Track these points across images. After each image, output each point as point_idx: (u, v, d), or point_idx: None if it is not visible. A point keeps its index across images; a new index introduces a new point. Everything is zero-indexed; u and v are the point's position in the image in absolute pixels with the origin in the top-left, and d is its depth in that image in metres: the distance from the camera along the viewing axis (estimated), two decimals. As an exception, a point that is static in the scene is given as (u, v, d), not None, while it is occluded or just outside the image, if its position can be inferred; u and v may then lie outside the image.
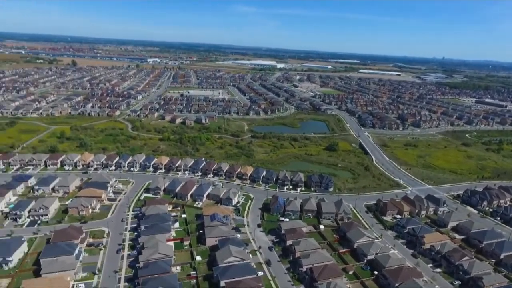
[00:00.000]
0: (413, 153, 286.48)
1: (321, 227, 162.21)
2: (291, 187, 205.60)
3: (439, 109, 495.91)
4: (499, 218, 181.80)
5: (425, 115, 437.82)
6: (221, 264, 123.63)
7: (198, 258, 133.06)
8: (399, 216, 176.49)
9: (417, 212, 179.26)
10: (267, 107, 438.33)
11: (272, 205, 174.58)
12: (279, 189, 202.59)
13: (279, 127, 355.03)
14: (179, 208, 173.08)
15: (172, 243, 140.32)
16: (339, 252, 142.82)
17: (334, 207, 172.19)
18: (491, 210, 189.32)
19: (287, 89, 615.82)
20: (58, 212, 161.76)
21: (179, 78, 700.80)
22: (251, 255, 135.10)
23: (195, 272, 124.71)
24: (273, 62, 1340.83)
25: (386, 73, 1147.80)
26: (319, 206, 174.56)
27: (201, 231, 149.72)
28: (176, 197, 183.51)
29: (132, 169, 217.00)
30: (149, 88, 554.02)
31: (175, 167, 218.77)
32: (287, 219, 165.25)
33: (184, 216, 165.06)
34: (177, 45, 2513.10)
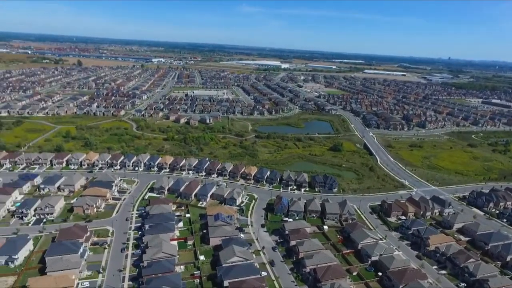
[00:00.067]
0: (418, 154, 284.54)
1: (325, 227, 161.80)
2: (295, 187, 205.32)
3: (444, 109, 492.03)
4: (505, 220, 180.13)
5: (430, 115, 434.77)
6: (224, 264, 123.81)
7: (201, 257, 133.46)
8: (403, 217, 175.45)
9: (422, 213, 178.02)
10: (272, 107, 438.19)
11: (276, 205, 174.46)
12: (283, 189, 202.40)
13: (283, 127, 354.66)
14: (183, 207, 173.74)
15: (176, 243, 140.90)
16: (343, 253, 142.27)
17: (338, 208, 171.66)
18: (498, 212, 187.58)
19: (292, 89, 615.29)
20: (63, 210, 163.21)
21: (184, 78, 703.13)
22: (254, 255, 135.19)
23: (199, 271, 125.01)
24: (278, 62, 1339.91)
25: (391, 73, 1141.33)
26: (323, 206, 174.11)
27: (204, 231, 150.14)
28: (180, 197, 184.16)
29: (136, 168, 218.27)
30: (154, 88, 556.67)
31: (180, 167, 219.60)
32: (291, 220, 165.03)
33: (188, 215, 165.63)
34: (182, 45, 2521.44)
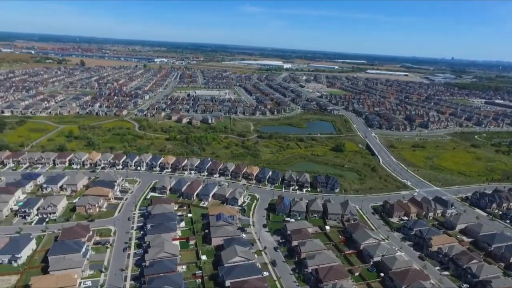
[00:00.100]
0: (421, 154, 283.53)
1: (327, 228, 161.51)
2: (297, 187, 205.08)
3: (447, 110, 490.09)
4: (508, 221, 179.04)
5: (433, 116, 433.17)
6: (226, 264, 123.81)
7: (203, 257, 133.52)
8: (406, 218, 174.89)
9: (425, 214, 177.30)
10: (273, 107, 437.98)
11: (277, 205, 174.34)
12: (285, 189, 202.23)
13: (285, 128, 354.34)
14: (185, 207, 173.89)
15: (178, 242, 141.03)
16: (345, 253, 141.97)
17: (340, 208, 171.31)
18: (501, 213, 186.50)
19: (294, 90, 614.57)
20: (66, 210, 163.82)
21: (186, 78, 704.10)
22: (256, 255, 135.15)
23: (201, 271, 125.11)
24: (280, 62, 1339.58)
25: (393, 73, 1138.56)
26: (325, 207, 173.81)
27: (206, 231, 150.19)
28: (182, 197, 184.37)
29: (138, 168, 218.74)
30: (156, 88, 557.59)
31: (181, 167, 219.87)
32: (293, 220, 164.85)
33: (190, 215, 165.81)
34: (184, 45, 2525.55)
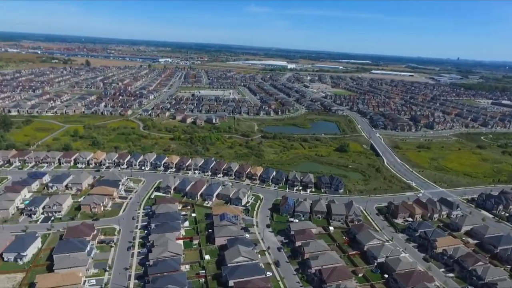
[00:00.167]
0: (426, 155, 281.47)
1: (331, 228, 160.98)
2: (301, 188, 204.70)
3: (453, 110, 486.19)
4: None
5: (438, 116, 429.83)
6: (229, 263, 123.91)
7: (207, 257, 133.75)
8: (410, 219, 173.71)
9: (430, 215, 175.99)
10: (278, 107, 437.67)
11: (281, 205, 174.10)
12: (288, 189, 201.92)
13: (289, 128, 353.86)
14: (189, 207, 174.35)
15: (181, 242, 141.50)
16: (349, 254, 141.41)
17: (344, 209, 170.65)
18: (507, 214, 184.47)
19: (298, 90, 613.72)
20: (71, 209, 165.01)
21: (190, 78, 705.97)
22: (259, 255, 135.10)
23: (204, 271, 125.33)
24: (284, 62, 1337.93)
25: (398, 73, 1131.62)
26: (329, 207, 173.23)
27: (210, 231, 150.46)
28: (186, 196, 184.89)
29: (143, 167, 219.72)
30: (161, 87, 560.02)
31: (186, 166, 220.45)
32: (297, 220, 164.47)
33: (193, 215, 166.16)
34: (189, 45, 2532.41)
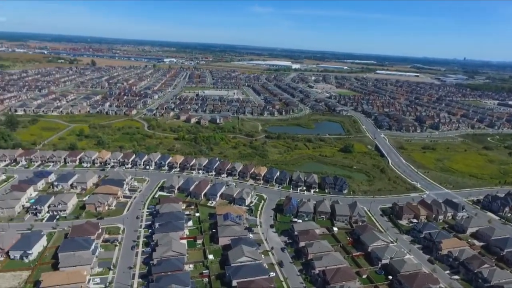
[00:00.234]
0: (431, 156, 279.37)
1: (335, 229, 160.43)
2: (304, 188, 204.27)
3: (459, 111, 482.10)
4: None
5: (444, 117, 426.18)
6: (233, 263, 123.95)
7: (210, 257, 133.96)
8: (415, 220, 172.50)
9: (435, 216, 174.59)
10: (282, 107, 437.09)
11: (285, 206, 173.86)
12: (292, 190, 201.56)
13: (293, 128, 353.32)
14: (193, 206, 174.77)
15: (185, 241, 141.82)
16: (353, 255, 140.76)
17: (348, 210, 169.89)
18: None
19: (302, 90, 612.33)
20: (76, 208, 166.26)
21: (195, 78, 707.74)
22: (263, 255, 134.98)
23: (208, 270, 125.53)
24: (288, 62, 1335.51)
25: (403, 74, 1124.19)
26: (333, 208, 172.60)
27: (214, 230, 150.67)
28: (190, 196, 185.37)
29: (147, 167, 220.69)
30: (165, 87, 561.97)
31: (190, 166, 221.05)
32: (300, 221, 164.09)
33: (197, 214, 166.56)
34: (193, 45, 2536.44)
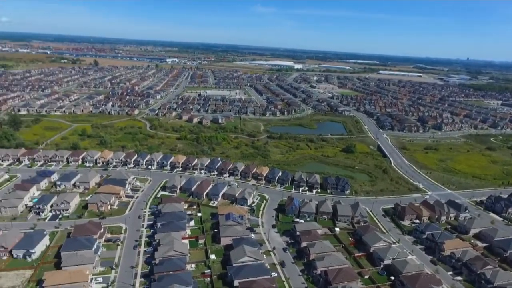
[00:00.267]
0: (434, 157, 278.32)
1: (337, 229, 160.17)
2: (306, 188, 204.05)
3: (462, 111, 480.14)
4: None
5: (447, 117, 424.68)
6: (235, 263, 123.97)
7: (212, 256, 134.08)
8: (417, 221, 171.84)
9: (437, 217, 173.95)
10: (284, 107, 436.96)
11: (287, 206, 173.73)
12: (294, 190, 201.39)
13: (295, 128, 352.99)
14: (195, 206, 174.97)
15: (187, 241, 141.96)
16: (355, 255, 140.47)
17: (350, 210, 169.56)
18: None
19: (304, 90, 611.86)
20: (78, 207, 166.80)
21: (197, 78, 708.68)
22: (265, 255, 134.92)
23: (209, 270, 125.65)
24: (291, 62, 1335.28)
25: (406, 74, 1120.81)
26: (335, 208, 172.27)
27: (216, 230, 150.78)
28: (192, 196, 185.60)
29: (149, 167, 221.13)
30: (168, 87, 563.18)
31: (192, 166, 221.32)
32: (302, 221, 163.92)
33: (199, 214, 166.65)
34: (196, 45, 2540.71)
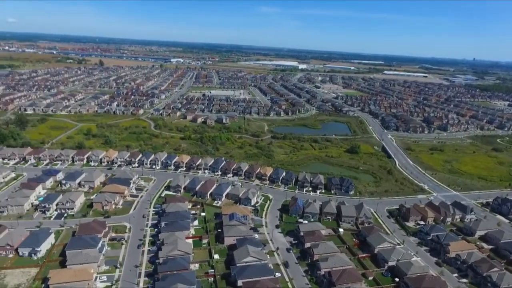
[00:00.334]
0: (439, 158, 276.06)
1: (341, 230, 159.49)
2: (310, 189, 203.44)
3: (468, 112, 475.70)
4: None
5: (452, 118, 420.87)
6: (238, 263, 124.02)
7: (216, 256, 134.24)
8: (422, 222, 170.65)
9: (442, 219, 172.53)
10: (288, 108, 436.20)
11: (291, 206, 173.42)
12: (298, 190, 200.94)
13: (299, 128, 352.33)
14: (199, 206, 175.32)
15: (191, 241, 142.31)
16: (359, 256, 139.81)
17: (354, 211, 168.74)
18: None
19: (309, 90, 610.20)
20: (83, 206, 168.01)
21: (201, 78, 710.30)
22: (268, 255, 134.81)
23: (213, 270, 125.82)
24: (295, 62, 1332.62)
25: (411, 74, 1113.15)
26: (339, 209, 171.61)
27: (219, 230, 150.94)
28: (196, 196, 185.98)
29: (154, 166, 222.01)
30: (172, 87, 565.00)
31: (196, 166, 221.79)
32: (306, 221, 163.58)
33: (203, 214, 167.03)
34: (200, 45, 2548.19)
